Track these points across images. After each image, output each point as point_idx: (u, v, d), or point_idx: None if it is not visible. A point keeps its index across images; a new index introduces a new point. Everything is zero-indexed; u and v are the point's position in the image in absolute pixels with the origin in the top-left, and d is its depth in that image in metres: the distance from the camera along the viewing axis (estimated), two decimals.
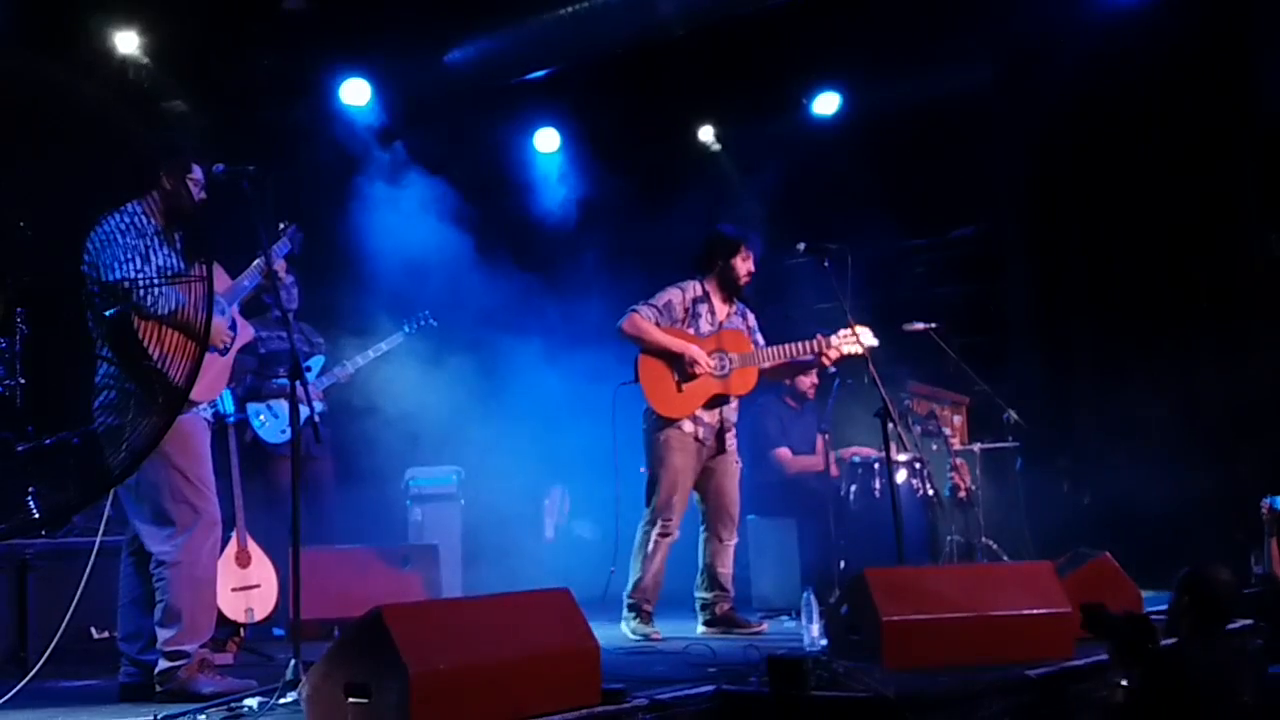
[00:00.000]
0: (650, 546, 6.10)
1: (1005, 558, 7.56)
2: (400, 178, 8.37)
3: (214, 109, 7.70)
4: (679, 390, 6.15)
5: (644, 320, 6.15)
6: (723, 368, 6.17)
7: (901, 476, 7.28)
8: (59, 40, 7.05)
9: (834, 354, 6.09)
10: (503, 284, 8.55)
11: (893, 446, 5.82)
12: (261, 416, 6.96)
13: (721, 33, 8.50)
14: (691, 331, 6.23)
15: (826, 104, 9.68)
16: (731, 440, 6.29)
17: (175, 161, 4.57)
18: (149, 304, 4.17)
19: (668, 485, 6.12)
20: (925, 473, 7.41)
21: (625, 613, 6.10)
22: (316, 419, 5.11)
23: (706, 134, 10.10)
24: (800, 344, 6.12)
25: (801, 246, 6.08)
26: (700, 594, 6.25)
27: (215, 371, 4.63)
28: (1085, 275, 8.90)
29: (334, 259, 8.00)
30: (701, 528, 6.31)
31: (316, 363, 7.23)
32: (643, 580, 6.09)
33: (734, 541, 6.31)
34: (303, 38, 8.05)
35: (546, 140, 9.79)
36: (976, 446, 8.04)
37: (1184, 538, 7.54)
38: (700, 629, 6.15)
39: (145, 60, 7.57)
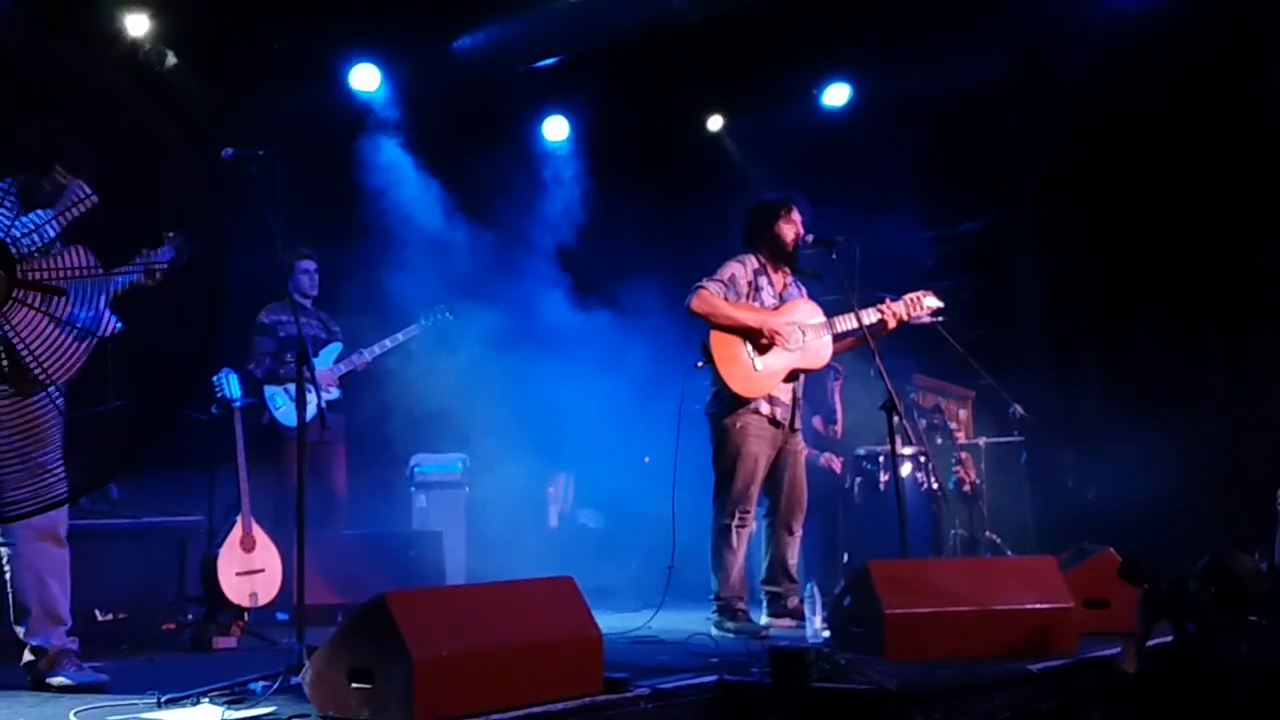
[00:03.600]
0: (734, 541, 5.85)
1: (1009, 551, 7.57)
2: (406, 164, 8.38)
3: (223, 92, 7.70)
4: (756, 368, 5.86)
5: (714, 296, 5.83)
6: (797, 341, 5.92)
7: (906, 469, 7.28)
8: (69, 23, 7.05)
9: (897, 319, 5.92)
10: (508, 271, 8.56)
11: (897, 439, 5.77)
12: (279, 400, 6.99)
13: (732, 22, 8.48)
14: (756, 305, 5.95)
15: (836, 95, 9.67)
16: (800, 419, 6.07)
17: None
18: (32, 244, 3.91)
19: (745, 474, 5.85)
20: (930, 466, 7.42)
21: (717, 617, 5.80)
22: (323, 405, 5.10)
23: (716, 123, 10.09)
24: (867, 310, 5.90)
25: (809, 238, 6.01)
26: (770, 587, 5.99)
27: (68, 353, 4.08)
28: (1093, 270, 8.88)
29: (343, 246, 8.01)
30: (766, 519, 6.06)
31: (334, 349, 7.29)
32: (730, 578, 5.83)
33: (802, 532, 6.09)
34: (313, 22, 8.05)
35: (555, 128, 9.79)
36: (981, 440, 8.04)
37: (1188, 533, 7.53)
38: (765, 619, 5.93)
39: (155, 43, 7.58)
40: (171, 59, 7.45)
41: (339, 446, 7.40)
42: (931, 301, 6.04)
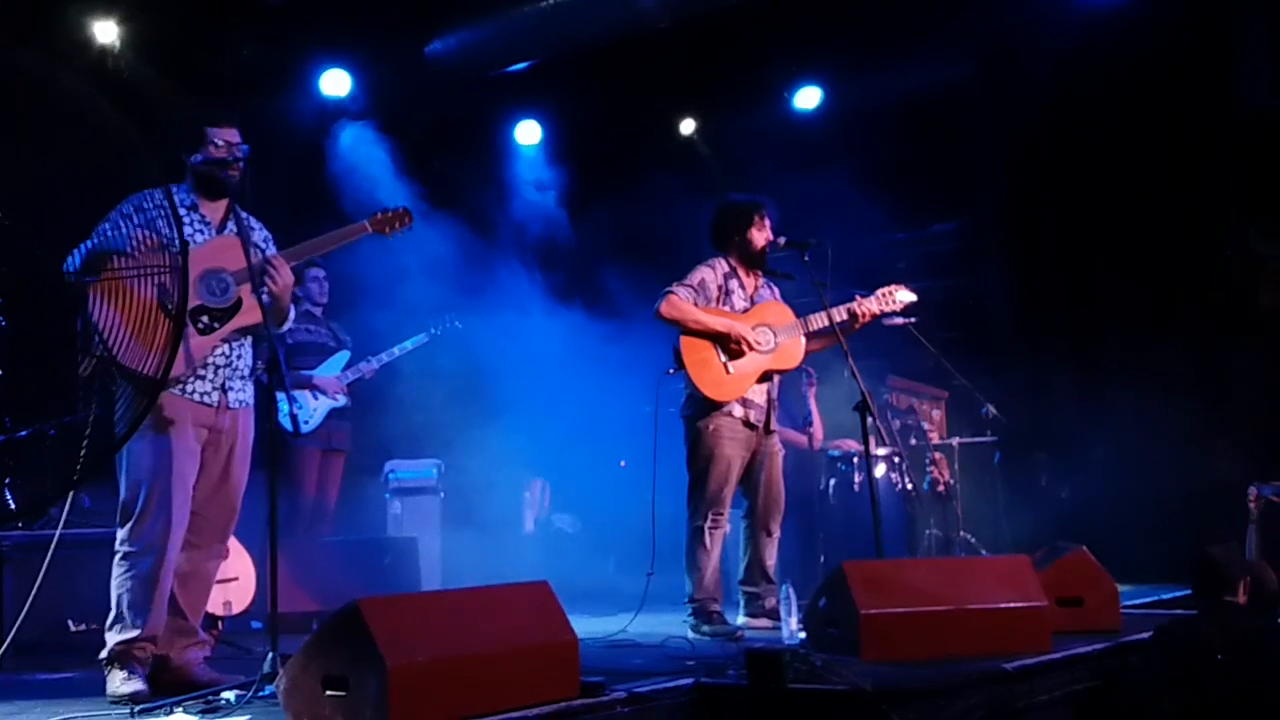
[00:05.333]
0: (707, 542, 5.83)
1: (983, 551, 7.60)
2: (376, 168, 8.35)
3: (193, 99, 7.67)
4: (728, 372, 5.82)
5: (683, 301, 5.80)
6: (768, 343, 5.89)
7: (880, 470, 7.30)
8: (36, 29, 7.01)
9: (869, 315, 5.90)
10: (482, 276, 8.55)
11: (871, 440, 5.77)
12: (284, 407, 6.98)
13: (704, 26, 8.51)
14: (727, 309, 5.93)
15: (808, 98, 9.71)
16: (775, 420, 6.05)
17: (188, 137, 4.54)
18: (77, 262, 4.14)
19: (718, 477, 5.82)
20: (904, 466, 7.44)
21: (692, 619, 5.77)
22: (294, 412, 5.10)
23: (688, 127, 10.11)
24: (838, 308, 5.86)
25: (781, 240, 6.01)
26: (747, 588, 5.98)
27: (189, 348, 4.38)
28: (1064, 270, 8.95)
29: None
30: (744, 520, 6.05)
31: (341, 357, 7.33)
32: (704, 579, 5.81)
33: (780, 533, 6.07)
34: (282, 28, 8.02)
35: (528, 132, 9.79)
36: (955, 440, 8.07)
37: (1161, 531, 7.59)
38: (742, 619, 5.92)
39: (123, 50, 7.55)
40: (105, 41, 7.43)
41: (342, 456, 7.43)
42: (904, 295, 6.01)
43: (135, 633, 4.32)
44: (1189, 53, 8.20)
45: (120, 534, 4.39)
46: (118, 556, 4.38)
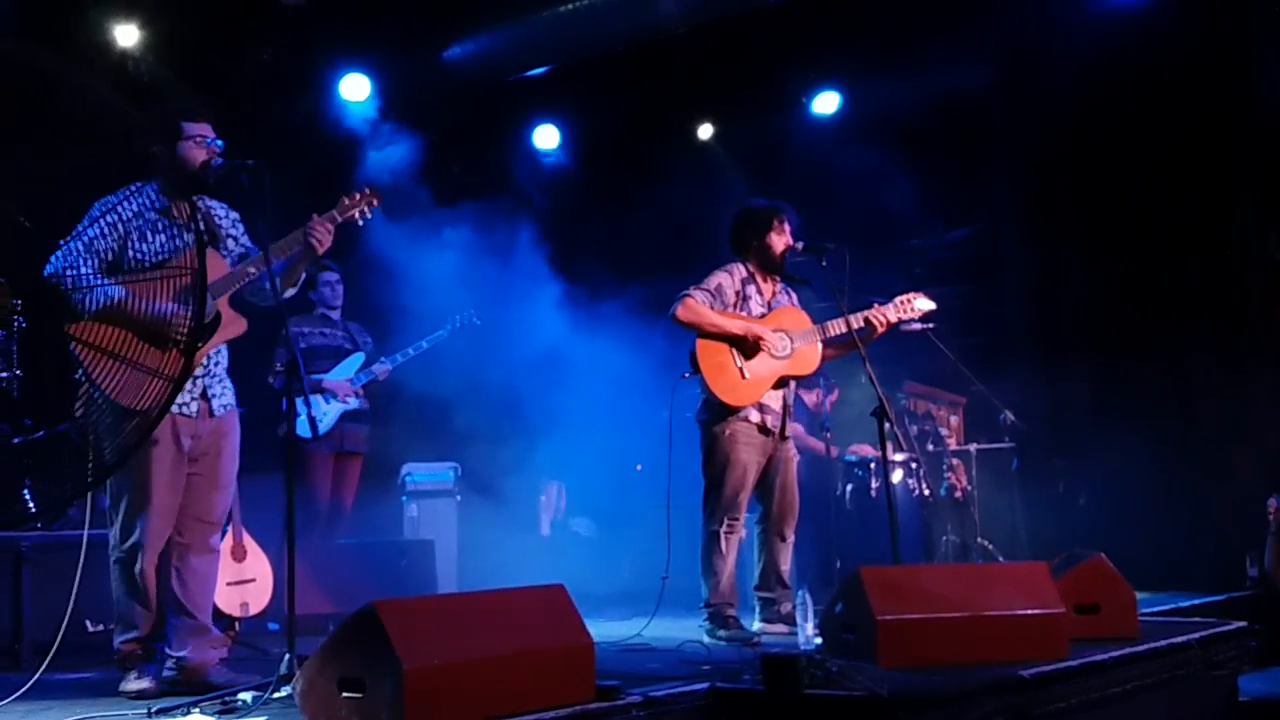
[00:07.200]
0: (723, 547, 5.83)
1: (1000, 558, 7.58)
2: (394, 171, 8.38)
3: (213, 104, 7.69)
4: (743, 376, 5.81)
5: (700, 305, 5.79)
6: (785, 348, 5.89)
7: (898, 476, 7.28)
8: (58, 33, 7.06)
9: (887, 324, 5.88)
10: (499, 280, 8.56)
11: (889, 446, 5.74)
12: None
13: (722, 31, 8.51)
14: (744, 315, 5.92)
15: (826, 103, 9.70)
16: (790, 426, 6.04)
17: (161, 129, 4.49)
18: (79, 300, 4.18)
19: (734, 482, 5.81)
20: (921, 472, 7.42)
21: (708, 624, 5.76)
22: (314, 415, 5.11)
23: (706, 132, 10.11)
24: (856, 315, 5.84)
25: (799, 245, 6.00)
26: (763, 593, 5.97)
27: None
28: (1082, 276, 8.91)
29: (335, 256, 8.01)
30: (759, 525, 6.04)
31: (355, 360, 7.32)
32: (720, 584, 5.80)
33: (794, 538, 6.06)
34: (302, 33, 8.05)
35: (546, 137, 9.81)
36: (973, 446, 8.05)
37: (1179, 539, 7.55)
38: (758, 624, 5.91)
39: (144, 54, 7.59)
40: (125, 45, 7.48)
41: (359, 458, 7.43)
42: (923, 303, 6.00)
43: (135, 633, 4.47)
44: (1208, 59, 8.16)
45: (110, 539, 4.50)
46: (111, 561, 4.50)
